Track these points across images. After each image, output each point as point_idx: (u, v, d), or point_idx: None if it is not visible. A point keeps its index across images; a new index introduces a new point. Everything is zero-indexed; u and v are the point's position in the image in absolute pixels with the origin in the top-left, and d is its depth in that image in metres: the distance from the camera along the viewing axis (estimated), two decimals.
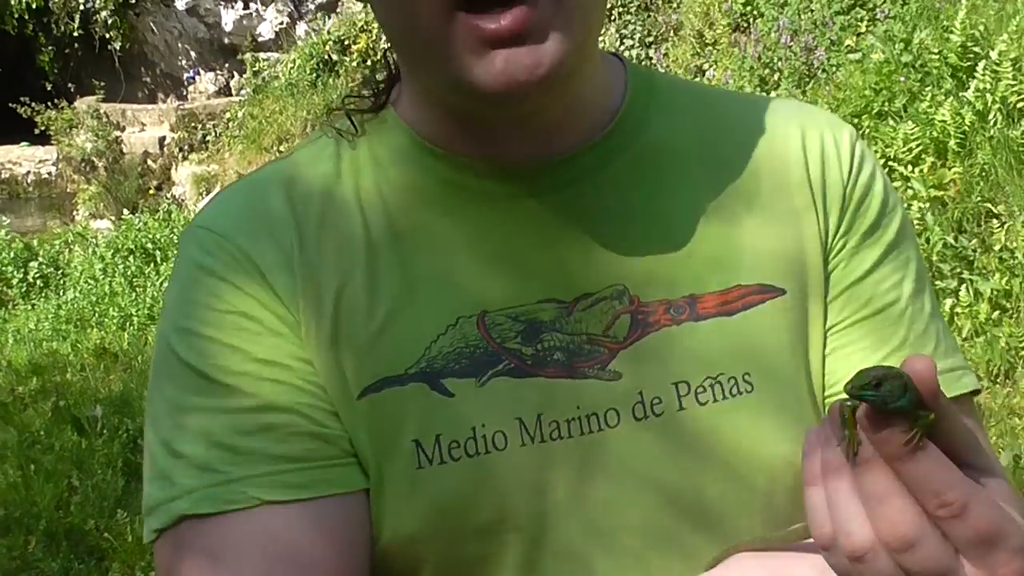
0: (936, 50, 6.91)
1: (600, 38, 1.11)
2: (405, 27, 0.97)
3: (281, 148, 10.42)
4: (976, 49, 6.79)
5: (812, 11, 8.29)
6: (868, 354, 1.12)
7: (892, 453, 0.75)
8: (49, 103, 11.23)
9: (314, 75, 11.08)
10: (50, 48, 11.88)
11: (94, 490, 4.70)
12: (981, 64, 6.56)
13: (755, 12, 8.78)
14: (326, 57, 11.15)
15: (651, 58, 10.18)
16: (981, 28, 6.92)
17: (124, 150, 11.11)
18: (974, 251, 5.59)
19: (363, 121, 1.13)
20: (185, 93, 12.43)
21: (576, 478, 1.02)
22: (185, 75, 12.48)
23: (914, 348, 1.13)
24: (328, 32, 11.41)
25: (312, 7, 12.05)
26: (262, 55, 11.81)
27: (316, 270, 1.01)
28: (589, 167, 1.08)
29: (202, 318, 1.00)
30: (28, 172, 10.96)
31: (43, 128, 11.12)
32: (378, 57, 10.84)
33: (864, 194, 1.14)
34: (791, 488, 1.06)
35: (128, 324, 7.42)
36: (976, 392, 1.16)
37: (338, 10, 11.91)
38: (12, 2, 11.57)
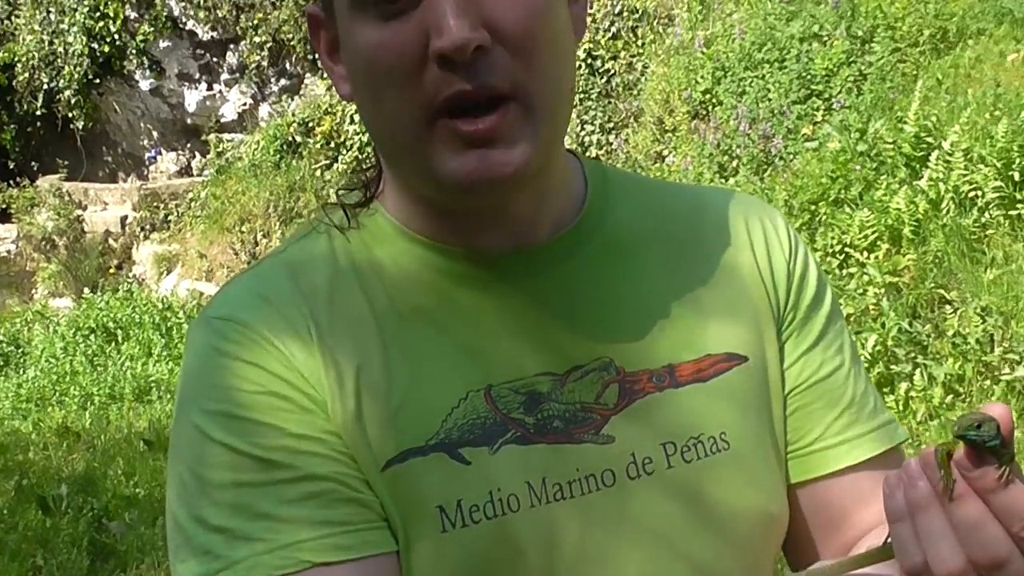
0: (890, 140, 7.11)
1: None
2: (391, 129, 1.07)
3: (243, 228, 10.55)
4: (929, 139, 6.95)
5: (770, 100, 8.46)
6: (825, 413, 1.23)
7: (987, 486, 0.84)
8: (11, 181, 11.29)
9: (277, 156, 11.08)
10: (12, 126, 11.93)
11: (59, 569, 4.70)
12: (934, 154, 6.74)
13: (714, 100, 8.98)
14: (290, 139, 11.16)
15: (611, 144, 10.58)
16: (934, 119, 7.12)
17: (85, 228, 11.16)
18: (928, 336, 5.69)
19: (355, 214, 1.20)
20: (146, 173, 12.44)
21: (579, 534, 1.09)
22: (147, 155, 12.47)
23: (860, 406, 1.25)
24: (292, 114, 11.48)
25: (275, 89, 12.12)
26: (225, 136, 11.80)
27: (334, 352, 1.08)
28: (562, 254, 1.17)
29: (233, 400, 1.05)
30: None
31: (4, 206, 11.20)
32: (341, 139, 11.13)
33: (804, 271, 1.25)
34: (763, 535, 1.19)
35: (89, 403, 7.44)
36: (903, 442, 1.28)
37: (301, 92, 12.02)
38: None
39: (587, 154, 10.18)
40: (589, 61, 10.62)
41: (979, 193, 6.59)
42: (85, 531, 5.09)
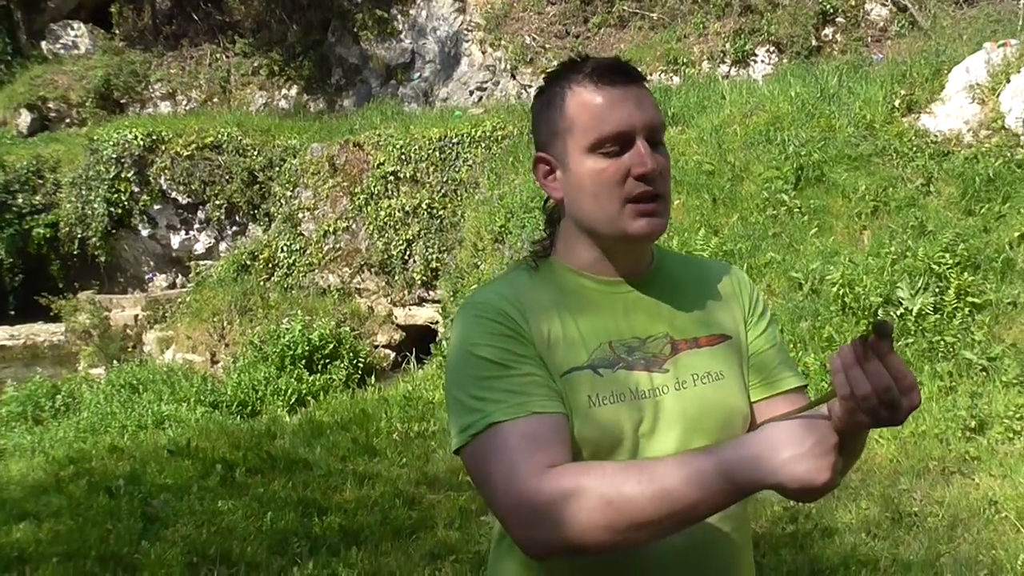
0: None
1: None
2: (605, 210, 1.36)
3: (214, 319, 10.49)
4: None
5: (540, 230, 7.84)
6: (771, 364, 1.49)
7: (883, 352, 1.08)
8: (59, 296, 11.34)
9: (235, 273, 11.12)
10: (57, 261, 11.97)
11: (124, 530, 4.71)
12: None
13: (507, 231, 9.01)
14: (242, 263, 11.22)
15: (445, 259, 10.59)
16: None
17: (111, 324, 11.14)
18: None
19: (540, 261, 1.46)
20: (147, 288, 12.21)
21: (651, 416, 1.34)
22: (147, 276, 12.38)
23: (788, 363, 1.52)
24: (242, 248, 11.51)
25: (230, 233, 12.02)
26: (200, 262, 11.80)
27: (536, 320, 1.34)
28: (648, 281, 1.44)
29: (489, 340, 1.31)
30: (44, 340, 11.11)
31: (57, 312, 11.20)
32: (275, 262, 11.17)
33: (756, 296, 1.54)
34: (742, 422, 1.43)
35: (126, 431, 7.32)
36: (804, 386, 1.51)
37: (247, 234, 11.89)
38: (34, 234, 11.72)
39: (430, 267, 10.51)
40: (430, 211, 10.63)
41: None
42: (137, 506, 5.12)
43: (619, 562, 1.31)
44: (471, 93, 14.28)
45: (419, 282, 10.95)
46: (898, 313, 6.48)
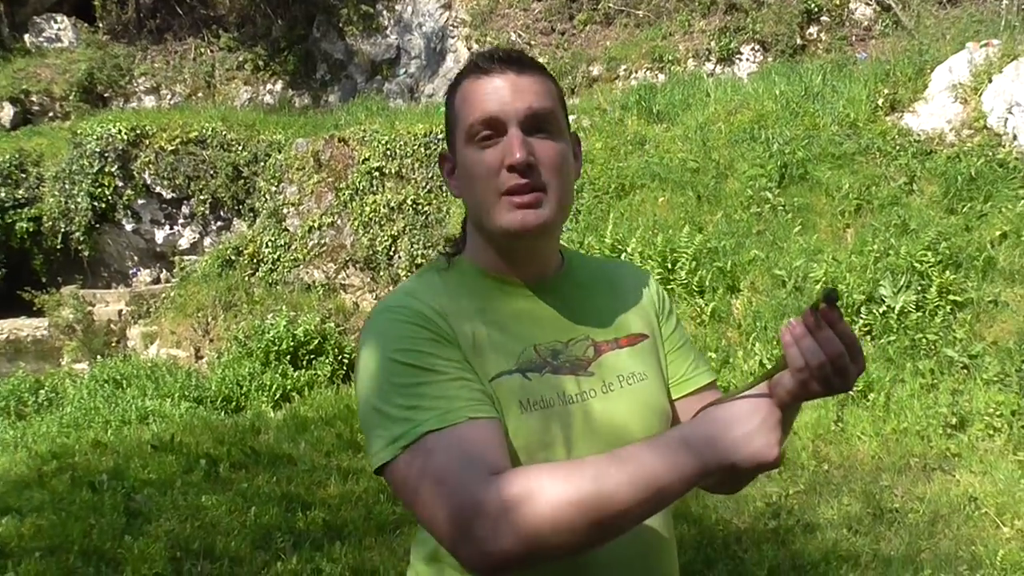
0: (597, 248, 7.79)
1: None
2: (481, 203, 1.31)
3: (199, 314, 10.43)
4: (620, 247, 7.75)
5: None
6: (684, 362, 1.50)
7: (833, 321, 1.08)
8: (43, 291, 11.21)
9: (219, 269, 11.01)
10: (40, 256, 11.82)
11: (108, 526, 4.72)
12: (623, 255, 7.60)
13: None
14: (227, 258, 11.12)
15: (431, 255, 10.38)
16: (621, 235, 7.91)
17: (94, 319, 10.99)
18: None
19: (450, 261, 1.42)
20: (131, 283, 12.04)
21: (581, 420, 1.32)
22: (131, 271, 12.21)
23: (700, 360, 1.52)
24: (227, 243, 11.40)
25: (214, 228, 11.89)
26: (184, 257, 11.66)
27: (458, 323, 1.29)
28: (560, 283, 1.42)
29: (413, 344, 1.24)
30: (27, 335, 10.90)
31: (40, 307, 11.08)
32: (260, 257, 10.97)
33: (663, 296, 1.55)
34: (663, 421, 1.42)
35: (109, 426, 7.27)
36: (715, 381, 1.52)
37: (231, 229, 11.79)
38: (17, 228, 11.51)
39: (416, 262, 10.41)
40: (415, 207, 10.48)
41: None
42: (120, 501, 5.11)
43: (567, 572, 1.27)
44: None
45: (404, 278, 10.67)
46: (880, 311, 6.51)
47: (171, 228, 12.14)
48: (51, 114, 14.38)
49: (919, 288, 6.54)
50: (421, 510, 1.16)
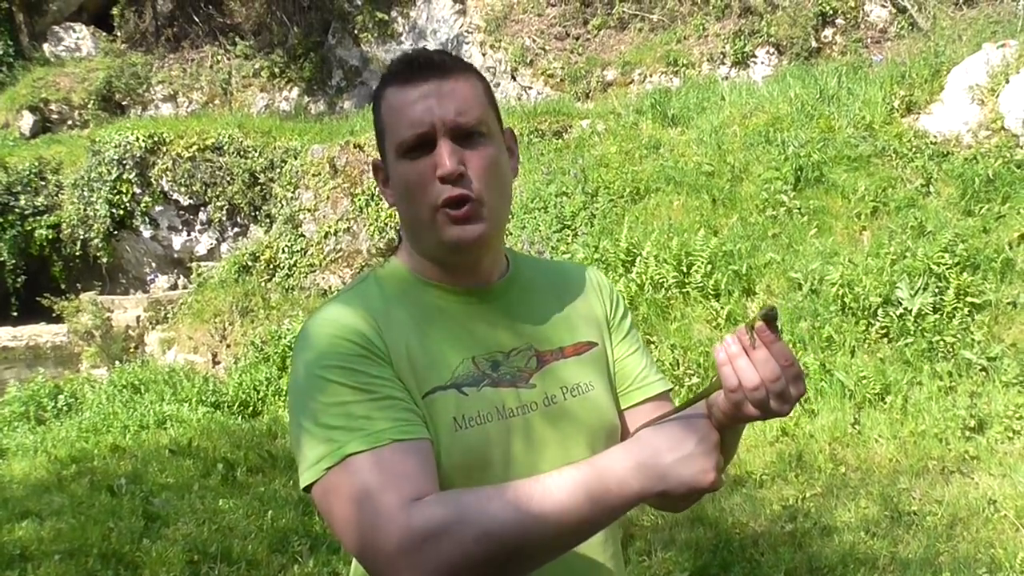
0: (612, 251, 7.74)
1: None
2: (417, 217, 1.27)
3: (216, 320, 10.47)
4: (635, 251, 7.65)
5: (539, 231, 8.67)
6: (635, 370, 1.45)
7: (769, 341, 1.04)
8: (62, 297, 11.27)
9: (236, 275, 11.10)
10: (60, 263, 11.95)
11: (126, 528, 4.75)
12: (638, 259, 7.54)
13: (507, 231, 8.77)
14: (243, 264, 11.20)
15: None
16: (636, 239, 7.80)
17: (113, 325, 11.06)
18: None
19: (383, 264, 1.37)
20: (148, 289, 12.20)
21: (522, 435, 1.28)
22: (148, 278, 12.36)
23: (651, 368, 1.48)
24: (243, 249, 11.47)
25: (231, 234, 12.00)
26: (201, 264, 11.80)
27: (392, 337, 1.23)
28: (503, 291, 1.37)
29: (341, 360, 1.18)
30: (47, 340, 10.87)
31: (59, 312, 11.13)
32: (277, 263, 11.06)
33: (616, 299, 1.50)
34: (610, 435, 1.37)
35: (127, 431, 7.32)
36: (671, 389, 1.48)
37: (248, 235, 11.87)
38: (36, 235, 11.66)
39: None
40: None
41: (664, 280, 7.26)
42: (139, 505, 5.13)
43: None
44: None
45: None
46: (897, 313, 6.47)
47: (188, 234, 12.20)
48: (70, 122, 14.55)
49: (936, 290, 6.47)
50: (340, 534, 1.12)
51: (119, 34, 15.72)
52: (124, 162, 11.69)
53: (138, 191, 11.80)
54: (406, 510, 1.06)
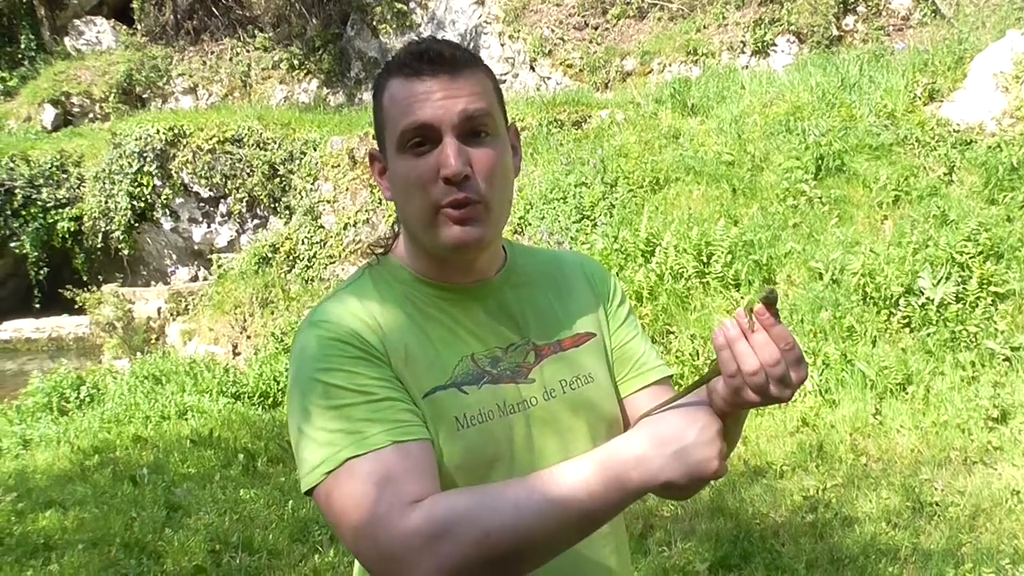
0: (632, 241, 7.71)
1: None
2: (417, 215, 1.24)
3: (236, 311, 10.51)
4: (654, 241, 7.59)
5: (559, 221, 8.66)
6: (634, 357, 1.44)
7: (769, 324, 1.03)
8: (84, 289, 11.41)
9: (256, 266, 11.16)
10: (82, 255, 12.16)
11: (149, 518, 4.78)
12: (658, 249, 7.48)
13: (526, 222, 8.96)
14: (263, 255, 11.27)
15: None
16: (656, 229, 7.74)
17: (134, 316, 11.22)
18: (661, 353, 4.76)
19: (384, 265, 1.34)
20: (169, 281, 12.39)
21: (523, 431, 1.27)
22: (169, 269, 12.54)
23: (650, 354, 1.46)
24: (263, 240, 11.56)
25: (251, 226, 12.12)
26: (221, 255, 11.86)
27: (390, 337, 1.23)
28: (500, 285, 1.36)
29: (339, 363, 1.17)
30: (69, 332, 11.11)
31: (81, 304, 11.27)
32: (297, 254, 11.12)
33: (614, 288, 1.49)
34: (611, 426, 1.36)
35: (149, 421, 7.30)
36: (671, 376, 1.46)
37: (267, 227, 11.97)
38: (58, 228, 11.82)
39: None
40: None
41: (684, 270, 7.21)
42: (161, 495, 5.17)
43: None
44: None
45: None
46: (920, 303, 6.42)
47: (208, 226, 12.35)
48: (91, 115, 14.86)
49: (959, 279, 6.38)
50: (342, 536, 1.12)
51: (139, 27, 15.92)
52: (145, 154, 11.80)
53: (159, 183, 11.93)
54: (407, 512, 1.05)
